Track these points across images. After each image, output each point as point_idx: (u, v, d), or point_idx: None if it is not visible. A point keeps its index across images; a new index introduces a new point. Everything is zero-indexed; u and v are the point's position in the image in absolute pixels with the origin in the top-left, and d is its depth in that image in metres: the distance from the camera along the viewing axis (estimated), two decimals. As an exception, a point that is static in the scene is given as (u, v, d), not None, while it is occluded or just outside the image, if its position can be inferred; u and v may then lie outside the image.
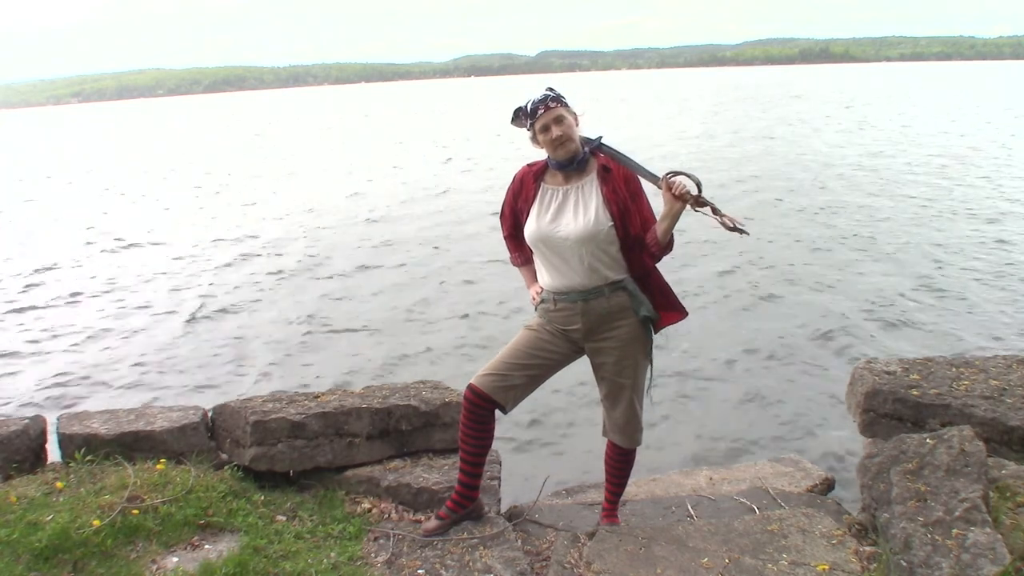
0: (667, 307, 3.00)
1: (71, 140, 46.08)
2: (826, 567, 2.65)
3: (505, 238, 3.21)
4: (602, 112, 39.39)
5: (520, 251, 3.18)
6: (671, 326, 3.07)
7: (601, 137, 2.94)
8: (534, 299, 3.08)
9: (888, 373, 3.34)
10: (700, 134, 26.52)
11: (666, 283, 3.01)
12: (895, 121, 29.54)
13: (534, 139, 2.90)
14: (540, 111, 2.83)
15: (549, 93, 2.87)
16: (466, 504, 3.10)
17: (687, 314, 3.05)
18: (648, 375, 3.05)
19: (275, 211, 15.51)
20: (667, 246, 2.86)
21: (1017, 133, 23.90)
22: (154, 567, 2.78)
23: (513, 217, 3.08)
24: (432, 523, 3.08)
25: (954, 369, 3.39)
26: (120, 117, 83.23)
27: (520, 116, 2.90)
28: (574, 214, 2.86)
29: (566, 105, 2.87)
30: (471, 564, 2.85)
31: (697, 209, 2.76)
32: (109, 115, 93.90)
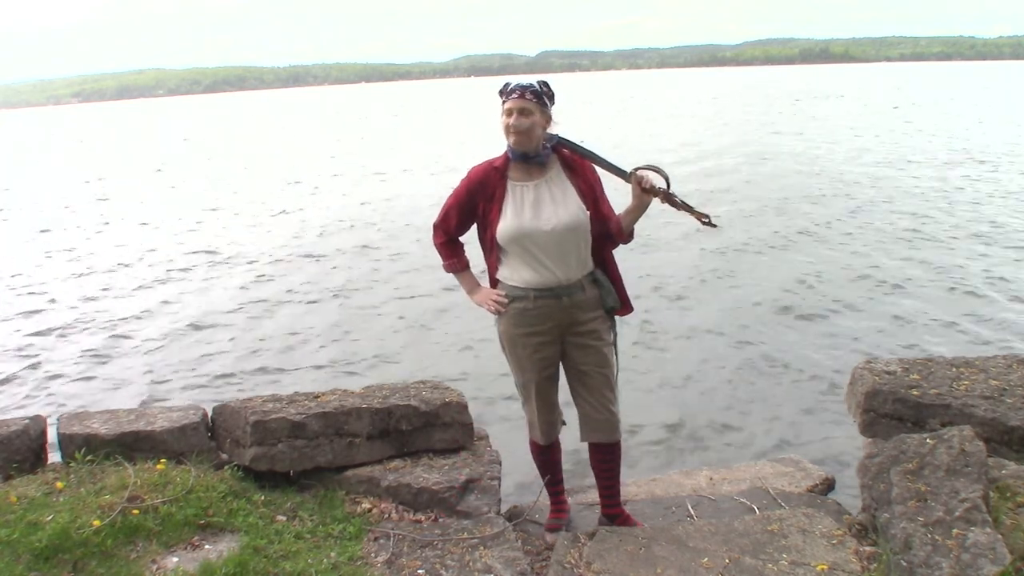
0: (623, 299, 3.10)
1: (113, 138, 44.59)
2: (826, 567, 2.65)
3: (440, 245, 3.13)
4: (653, 119, 35.73)
5: (458, 256, 3.14)
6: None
7: (558, 133, 2.97)
8: (495, 301, 2.98)
9: (888, 373, 3.34)
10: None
11: (619, 275, 3.10)
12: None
13: (502, 115, 2.93)
14: (515, 95, 2.86)
15: (534, 85, 2.90)
16: (566, 508, 3.43)
17: (632, 309, 3.17)
18: (616, 366, 3.09)
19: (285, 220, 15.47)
20: (629, 237, 3.02)
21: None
22: (154, 567, 2.78)
23: (461, 217, 3.02)
24: (551, 538, 3.20)
25: (954, 369, 3.39)
26: (136, 117, 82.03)
27: (503, 90, 2.93)
28: (554, 207, 2.88)
29: (544, 104, 2.88)
30: (471, 564, 2.85)
31: (664, 203, 2.88)
32: (120, 115, 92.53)
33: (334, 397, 3.59)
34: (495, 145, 3.03)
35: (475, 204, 2.97)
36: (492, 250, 3.00)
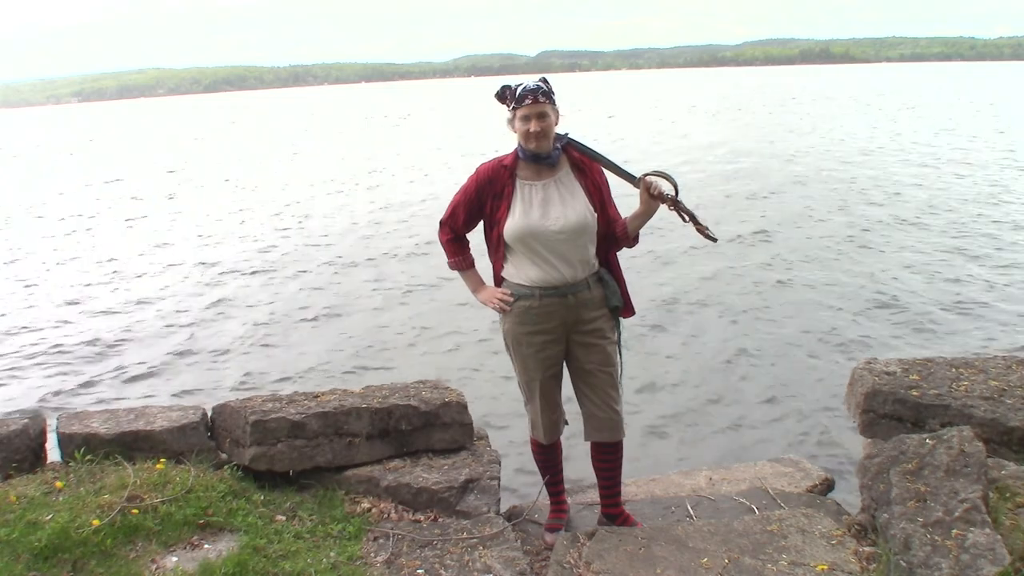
0: (626, 301, 3.10)
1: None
2: (825, 567, 2.65)
3: (446, 242, 3.13)
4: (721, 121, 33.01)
5: (464, 254, 3.13)
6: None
7: (568, 133, 2.98)
8: (500, 299, 2.98)
9: (888, 374, 3.34)
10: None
11: (623, 277, 3.11)
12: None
13: (511, 122, 2.91)
14: (528, 100, 2.83)
15: (542, 86, 2.88)
16: (565, 509, 3.42)
17: (634, 312, 3.17)
18: (620, 365, 3.09)
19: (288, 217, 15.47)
20: (634, 241, 3.04)
21: None
22: (153, 567, 2.78)
23: (468, 215, 3.02)
24: (550, 538, 3.21)
25: (954, 370, 3.38)
26: (160, 115, 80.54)
27: (506, 96, 2.89)
28: (563, 207, 2.88)
29: (553, 102, 2.89)
30: (471, 564, 2.85)
31: (671, 209, 2.89)
32: (138, 114, 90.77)
33: (334, 397, 3.59)
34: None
35: (483, 202, 2.98)
36: (498, 248, 3.00)
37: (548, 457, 3.28)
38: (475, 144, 25.70)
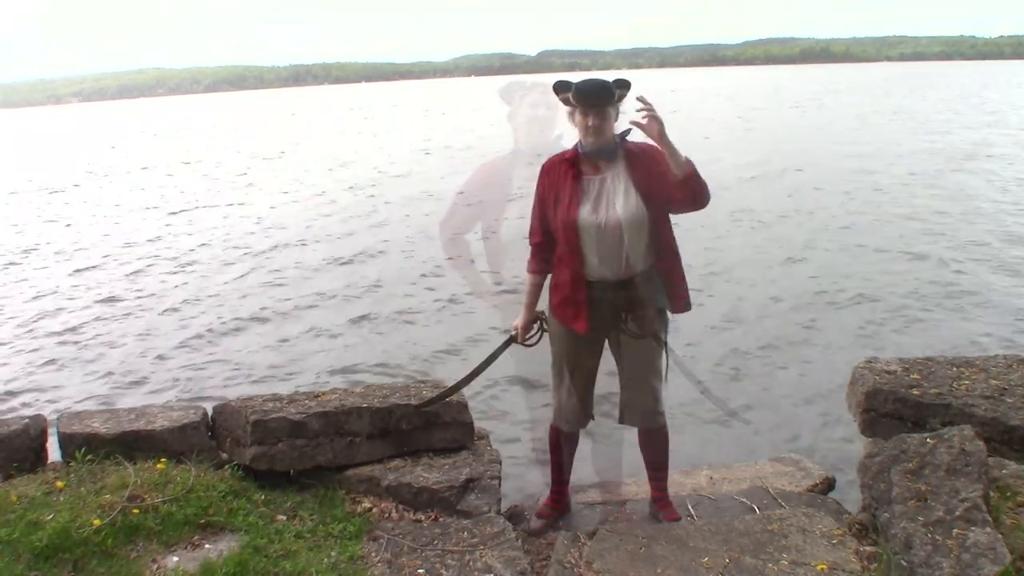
0: (681, 295, 3.11)
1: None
2: (826, 567, 2.65)
3: (534, 246, 3.20)
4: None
5: (535, 259, 3.20)
6: (677, 320, 3.15)
7: (630, 130, 2.98)
8: (520, 330, 3.18)
9: (888, 373, 3.34)
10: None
11: (683, 273, 3.13)
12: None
13: (571, 115, 2.96)
14: (591, 100, 2.87)
15: (608, 85, 2.88)
16: (563, 504, 3.46)
17: (690, 308, 3.18)
18: (665, 360, 3.13)
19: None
20: (688, 179, 2.80)
21: None
22: (154, 566, 2.78)
23: (541, 212, 3.09)
24: (536, 523, 3.29)
25: (954, 369, 3.39)
26: (163, 115, 79.91)
27: (568, 90, 2.90)
28: (615, 202, 2.92)
29: (618, 101, 2.91)
30: (471, 564, 2.86)
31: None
32: (146, 113, 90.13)
33: (334, 396, 3.60)
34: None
35: (546, 196, 3.04)
36: (552, 241, 3.07)
37: (562, 446, 3.33)
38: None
